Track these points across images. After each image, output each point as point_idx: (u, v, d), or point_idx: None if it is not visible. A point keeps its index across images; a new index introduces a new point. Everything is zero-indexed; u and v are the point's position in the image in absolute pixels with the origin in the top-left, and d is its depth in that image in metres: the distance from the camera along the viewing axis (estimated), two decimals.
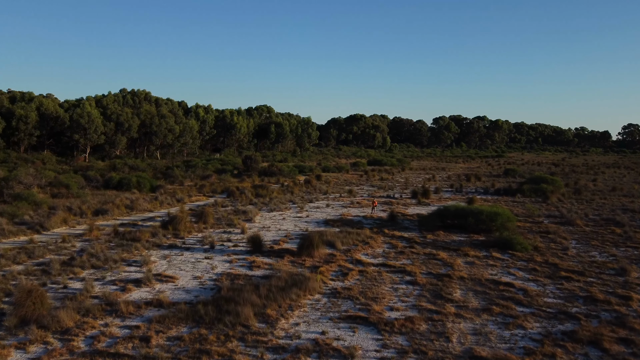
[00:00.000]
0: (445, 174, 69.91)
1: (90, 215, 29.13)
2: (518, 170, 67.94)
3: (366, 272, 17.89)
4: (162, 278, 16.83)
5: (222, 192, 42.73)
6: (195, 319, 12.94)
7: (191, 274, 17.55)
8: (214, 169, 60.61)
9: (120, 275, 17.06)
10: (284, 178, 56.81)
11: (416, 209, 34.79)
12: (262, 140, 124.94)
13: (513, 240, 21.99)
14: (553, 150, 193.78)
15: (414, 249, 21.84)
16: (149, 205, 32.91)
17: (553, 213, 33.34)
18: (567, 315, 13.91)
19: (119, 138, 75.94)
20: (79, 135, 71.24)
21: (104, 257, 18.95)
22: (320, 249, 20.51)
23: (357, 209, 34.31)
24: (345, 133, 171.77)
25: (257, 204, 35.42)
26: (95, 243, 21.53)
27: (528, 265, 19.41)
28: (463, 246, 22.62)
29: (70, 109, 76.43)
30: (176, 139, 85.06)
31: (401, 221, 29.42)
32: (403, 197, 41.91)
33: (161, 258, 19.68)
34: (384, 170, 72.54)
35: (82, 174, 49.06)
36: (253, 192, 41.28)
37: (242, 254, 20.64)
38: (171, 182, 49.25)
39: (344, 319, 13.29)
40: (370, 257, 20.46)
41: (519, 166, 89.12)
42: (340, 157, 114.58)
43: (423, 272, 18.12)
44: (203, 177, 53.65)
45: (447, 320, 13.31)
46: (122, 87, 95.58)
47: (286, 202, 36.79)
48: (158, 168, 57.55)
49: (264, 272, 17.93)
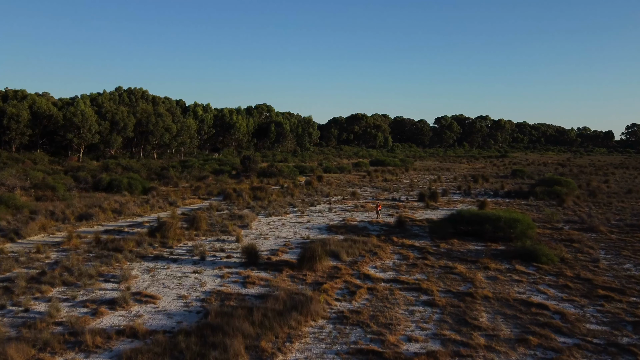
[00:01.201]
0: (450, 175, 67.62)
1: (74, 220, 26.90)
2: (526, 171, 65.67)
3: (376, 290, 15.66)
4: (142, 298, 14.61)
5: (219, 195, 40.49)
6: (174, 354, 10.72)
7: (176, 292, 15.32)
8: (211, 170, 58.39)
9: (94, 295, 14.84)
10: (283, 179, 54.57)
11: (425, 214, 32.54)
12: (262, 139, 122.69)
13: (538, 251, 19.75)
14: (556, 150, 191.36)
15: (428, 261, 19.61)
16: (138, 209, 30.68)
17: (572, 218, 31.09)
18: (618, 348, 11.67)
19: (114, 137, 73.70)
20: (73, 134, 69.02)
21: (79, 271, 16.72)
22: (323, 261, 18.29)
23: (362, 213, 32.07)
24: (346, 133, 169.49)
25: (255, 208, 33.19)
26: (73, 254, 19.31)
27: (558, 281, 17.16)
28: (481, 257, 20.39)
29: (64, 107, 74.20)
30: (173, 138, 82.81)
31: (410, 227, 27.18)
32: (409, 200, 39.65)
33: (144, 272, 17.46)
34: (387, 171, 70.28)
35: (72, 174, 46.84)
36: (251, 194, 39.04)
37: (236, 266, 18.41)
38: (165, 183, 47.03)
39: (353, 354, 11.06)
40: (380, 270, 18.23)
41: (525, 167, 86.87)
42: (342, 157, 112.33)
43: (441, 290, 15.88)
44: (199, 178, 51.42)
45: (477, 355, 11.08)
46: (120, 86, 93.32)
47: (286, 206, 34.56)
48: (153, 169, 55.32)
49: (260, 289, 15.71)
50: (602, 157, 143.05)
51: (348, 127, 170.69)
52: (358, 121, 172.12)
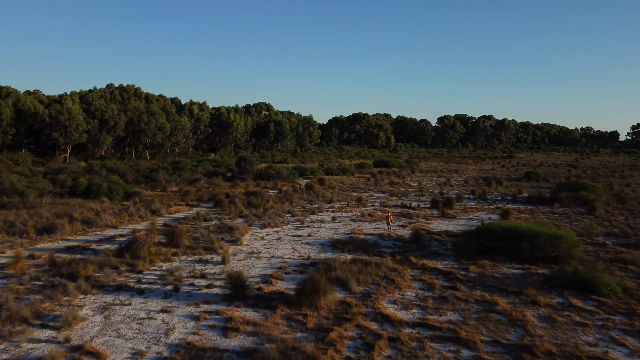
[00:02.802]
0: (460, 177, 63.62)
1: (33, 234, 22.95)
2: (540, 174, 61.70)
3: (400, 342, 11.72)
4: (81, 357, 10.67)
5: (209, 200, 36.54)
6: None
7: (131, 345, 11.39)
8: (205, 172, 54.45)
9: (18, 351, 10.91)
10: (282, 182, 50.62)
11: (441, 224, 28.61)
12: (261, 139, 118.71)
13: (595, 280, 15.79)
14: (561, 151, 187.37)
15: (459, 292, 15.66)
16: (114, 220, 26.73)
17: (611, 230, 27.13)
18: None
19: (104, 137, 69.75)
20: (59, 133, 65.07)
21: (8, 312, 12.78)
22: (328, 294, 14.35)
23: (370, 224, 28.14)
24: (347, 132, 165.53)
25: (248, 217, 29.25)
26: (13, 283, 15.37)
27: (634, 324, 13.22)
28: (524, 286, 16.44)
29: (51, 105, 70.23)
30: (167, 137, 78.82)
31: (428, 242, 23.24)
32: (421, 207, 35.70)
33: (97, 310, 13.53)
34: (392, 173, 66.29)
35: (51, 177, 42.90)
36: (245, 200, 35.10)
37: (217, 301, 14.48)
38: (153, 187, 43.10)
39: None
40: (400, 307, 14.29)
41: (535, 168, 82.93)
42: (343, 157, 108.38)
43: (486, 341, 11.94)
44: (190, 181, 47.48)
45: None
46: (112, 83, 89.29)
47: (283, 214, 30.64)
48: (141, 170, 51.36)
49: (244, 340, 11.77)
50: (609, 158, 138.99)
51: (349, 127, 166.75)
52: (359, 121, 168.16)
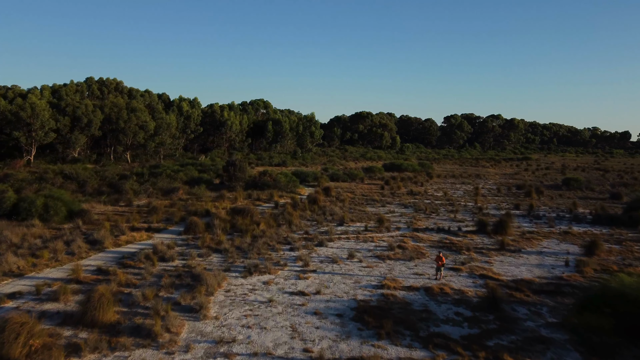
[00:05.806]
0: (486, 183, 54.53)
1: None
2: (581, 180, 52.77)
3: None
4: None
5: (181, 222, 27.55)
6: None
7: None
8: (187, 179, 45.42)
9: None
10: (279, 192, 41.59)
11: (507, 263, 19.64)
12: (258, 139, 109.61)
13: None
14: (573, 152, 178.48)
15: None
16: (21, 262, 17.72)
17: None
18: None
19: (75, 136, 60.71)
20: (21, 132, 56.04)
21: None
22: None
23: (405, 264, 19.17)
24: (350, 132, 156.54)
25: (228, 253, 20.28)
26: None
27: None
28: None
29: (14, 100, 61.19)
30: (150, 137, 69.76)
31: (511, 310, 14.29)
32: (464, 231, 26.75)
33: None
34: (407, 179, 57.14)
35: None
36: (228, 222, 26.07)
37: None
38: (116, 200, 34.10)
39: None
40: None
41: (563, 172, 74.06)
42: (348, 159, 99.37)
43: None
44: (166, 191, 38.45)
45: None
46: (91, 77, 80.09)
47: (279, 247, 21.66)
48: (107, 178, 42.31)
49: None
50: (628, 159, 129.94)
51: (352, 126, 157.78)
52: (363, 120, 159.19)
